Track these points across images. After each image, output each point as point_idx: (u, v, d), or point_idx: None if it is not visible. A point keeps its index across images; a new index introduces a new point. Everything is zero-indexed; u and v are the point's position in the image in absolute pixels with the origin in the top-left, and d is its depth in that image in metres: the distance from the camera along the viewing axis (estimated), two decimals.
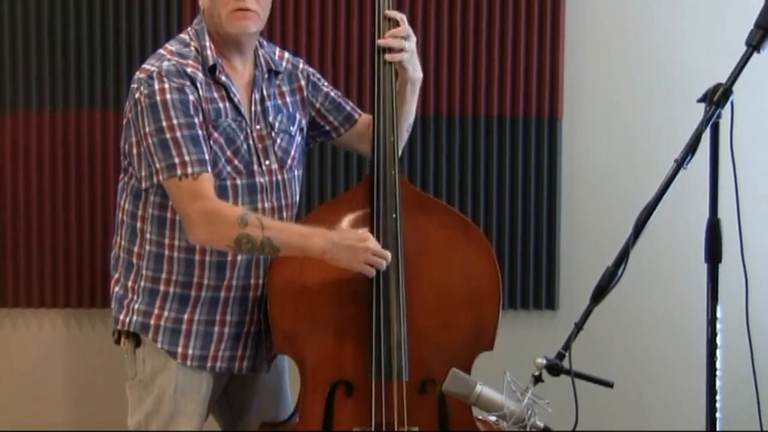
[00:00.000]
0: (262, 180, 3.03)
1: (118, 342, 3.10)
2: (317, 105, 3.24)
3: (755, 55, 2.58)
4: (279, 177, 3.08)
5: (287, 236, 2.91)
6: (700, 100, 2.58)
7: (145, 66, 2.95)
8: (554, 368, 2.59)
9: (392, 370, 3.02)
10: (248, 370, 3.09)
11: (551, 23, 4.07)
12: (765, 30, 2.56)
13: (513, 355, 3.07)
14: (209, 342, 3.02)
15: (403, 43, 3.03)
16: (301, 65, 3.25)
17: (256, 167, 3.02)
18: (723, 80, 2.57)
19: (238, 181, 2.99)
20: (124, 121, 3.00)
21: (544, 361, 2.59)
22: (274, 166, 3.07)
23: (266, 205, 3.03)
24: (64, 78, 3.98)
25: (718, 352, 2.59)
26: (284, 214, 3.09)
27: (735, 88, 2.56)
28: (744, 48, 2.59)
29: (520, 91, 4.07)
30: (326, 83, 3.29)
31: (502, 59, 4.05)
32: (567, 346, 2.59)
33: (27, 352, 4.17)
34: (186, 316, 3.01)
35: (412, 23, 3.13)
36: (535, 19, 4.05)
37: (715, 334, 2.59)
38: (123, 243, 3.06)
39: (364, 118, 3.30)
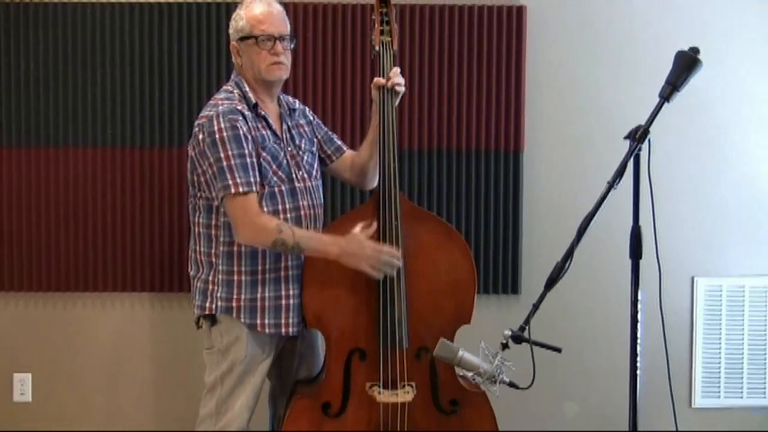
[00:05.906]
0: (299, 185, 3.20)
1: (197, 322, 3.23)
2: (318, 137, 3.42)
3: (666, 104, 2.69)
4: (309, 183, 3.25)
5: (311, 243, 3.09)
6: (626, 137, 2.68)
7: (204, 113, 3.14)
8: (517, 338, 2.66)
9: (395, 341, 3.08)
10: (304, 329, 3.24)
11: (515, 70, 4.08)
12: (673, 86, 2.69)
13: (485, 329, 3.01)
14: (280, 313, 3.14)
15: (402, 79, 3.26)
16: (306, 108, 3.44)
17: (294, 176, 3.18)
18: (643, 122, 2.66)
19: (283, 187, 3.15)
20: (189, 158, 3.18)
21: (510, 333, 2.67)
22: (305, 175, 3.23)
23: (304, 203, 3.19)
24: (160, 119, 4.11)
25: (639, 326, 2.67)
26: (317, 211, 3.25)
27: (651, 128, 2.66)
28: (658, 99, 2.69)
29: (491, 127, 4.07)
30: (322, 122, 3.47)
31: (471, 99, 4.08)
32: (527, 321, 2.67)
33: (118, 328, 4.21)
34: (258, 295, 3.13)
35: None
36: (503, 64, 4.08)
37: (637, 312, 2.67)
38: (201, 249, 3.20)
39: (348, 153, 3.45)
